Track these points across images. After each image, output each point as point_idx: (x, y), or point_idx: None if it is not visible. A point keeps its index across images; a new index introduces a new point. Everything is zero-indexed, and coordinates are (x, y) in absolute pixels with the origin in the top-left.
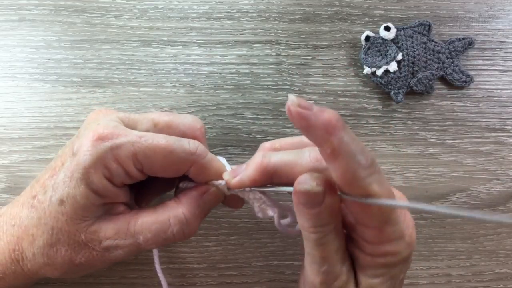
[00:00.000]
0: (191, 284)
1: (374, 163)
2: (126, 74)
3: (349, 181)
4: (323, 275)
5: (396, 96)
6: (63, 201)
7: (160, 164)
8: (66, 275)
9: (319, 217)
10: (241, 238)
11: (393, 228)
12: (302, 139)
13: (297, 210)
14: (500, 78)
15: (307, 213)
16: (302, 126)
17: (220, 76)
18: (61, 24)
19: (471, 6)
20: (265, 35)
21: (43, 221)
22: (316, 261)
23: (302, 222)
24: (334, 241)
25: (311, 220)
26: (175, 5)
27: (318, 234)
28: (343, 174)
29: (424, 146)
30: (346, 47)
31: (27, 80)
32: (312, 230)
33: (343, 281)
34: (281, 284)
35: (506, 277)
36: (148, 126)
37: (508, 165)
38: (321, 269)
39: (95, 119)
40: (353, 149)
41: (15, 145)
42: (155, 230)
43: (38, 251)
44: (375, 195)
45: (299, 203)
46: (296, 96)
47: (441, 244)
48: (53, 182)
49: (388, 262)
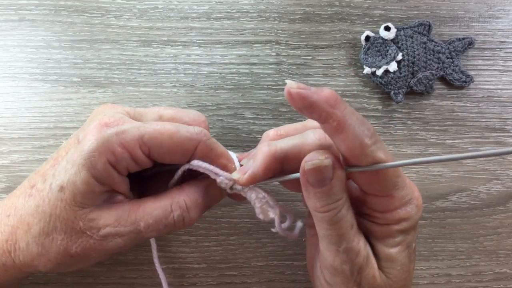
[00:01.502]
0: (191, 284)
1: (375, 132)
2: (126, 74)
3: (357, 150)
4: (344, 254)
5: (396, 96)
6: (63, 187)
7: (167, 145)
8: (58, 268)
9: (330, 194)
10: (241, 238)
11: (402, 192)
12: (305, 123)
13: (307, 192)
14: (500, 78)
15: (319, 193)
16: (305, 105)
17: (220, 76)
18: (61, 24)
19: (471, 6)
20: (265, 35)
21: (40, 208)
22: (333, 241)
23: (313, 204)
24: (347, 216)
25: (322, 199)
26: (175, 5)
27: (331, 212)
28: (350, 144)
29: (424, 146)
30: (346, 47)
31: (27, 80)
32: (324, 209)
33: (364, 256)
34: (281, 284)
35: (506, 277)
36: (154, 119)
37: (508, 165)
38: (341, 248)
39: (101, 111)
40: (356, 119)
41: (15, 145)
42: (156, 215)
43: (32, 240)
44: (381, 161)
45: (308, 184)
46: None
47: (441, 244)
48: (54, 171)
49: (403, 228)
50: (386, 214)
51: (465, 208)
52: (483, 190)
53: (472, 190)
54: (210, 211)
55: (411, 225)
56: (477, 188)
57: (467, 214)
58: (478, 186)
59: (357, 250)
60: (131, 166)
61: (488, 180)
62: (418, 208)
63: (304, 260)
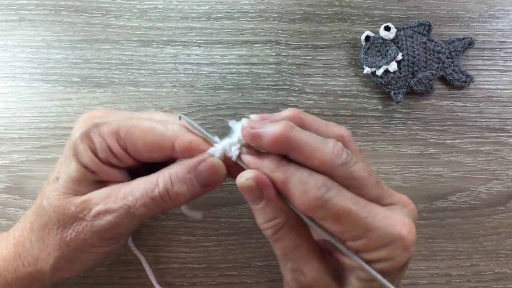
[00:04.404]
0: (191, 284)
1: (327, 179)
2: (126, 74)
3: (311, 205)
4: (291, 272)
5: (396, 96)
6: (58, 177)
7: (142, 141)
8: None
9: (265, 212)
10: (241, 238)
11: (381, 232)
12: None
13: (250, 207)
14: (500, 78)
15: (256, 210)
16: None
17: (220, 76)
18: (61, 24)
19: (471, 6)
20: (265, 35)
21: (39, 204)
22: (279, 259)
23: (256, 220)
24: (289, 236)
25: (260, 216)
26: (175, 5)
27: (270, 230)
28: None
29: (424, 146)
30: (346, 47)
31: (27, 80)
32: (264, 226)
33: (314, 279)
34: (281, 284)
35: (506, 277)
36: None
37: (508, 165)
38: (287, 267)
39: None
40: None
41: (15, 145)
42: (143, 188)
43: (35, 237)
44: (343, 208)
45: (247, 200)
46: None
47: (441, 244)
48: (55, 169)
49: (382, 268)
50: (362, 253)
51: (465, 208)
52: (483, 190)
53: (472, 190)
54: (210, 211)
55: (394, 265)
56: (477, 188)
57: (467, 214)
58: (478, 186)
59: (304, 271)
60: (111, 158)
61: (488, 180)
62: (405, 249)
63: None
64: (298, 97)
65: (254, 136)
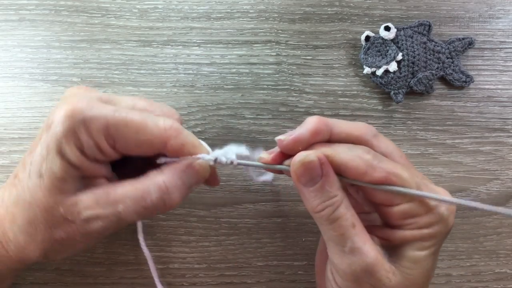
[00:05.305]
0: (191, 284)
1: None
2: (126, 74)
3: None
4: (350, 254)
5: (396, 96)
6: (42, 174)
7: (134, 140)
8: (49, 255)
9: (323, 191)
10: (241, 238)
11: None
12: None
13: (302, 195)
14: (500, 78)
15: (312, 192)
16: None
17: (220, 76)
18: (61, 24)
19: (471, 6)
20: (265, 35)
21: (21, 197)
22: (337, 242)
23: (310, 205)
24: (346, 215)
25: (317, 197)
26: (175, 5)
27: (328, 209)
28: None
29: (424, 146)
30: (346, 47)
31: (27, 80)
32: (320, 207)
33: (373, 257)
34: (281, 284)
35: (506, 277)
36: (127, 107)
37: (508, 165)
38: (346, 248)
39: (74, 94)
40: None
41: (15, 145)
42: (135, 197)
43: (18, 230)
44: (386, 171)
45: (301, 186)
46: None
47: None
48: (31, 158)
49: (435, 232)
50: (416, 219)
51: (465, 208)
52: (483, 190)
53: (472, 190)
54: (210, 211)
55: (442, 230)
56: (477, 188)
57: (467, 214)
58: (478, 186)
59: (364, 250)
60: (97, 155)
61: (488, 180)
62: (450, 212)
63: (304, 260)
64: (298, 97)
65: (295, 140)
